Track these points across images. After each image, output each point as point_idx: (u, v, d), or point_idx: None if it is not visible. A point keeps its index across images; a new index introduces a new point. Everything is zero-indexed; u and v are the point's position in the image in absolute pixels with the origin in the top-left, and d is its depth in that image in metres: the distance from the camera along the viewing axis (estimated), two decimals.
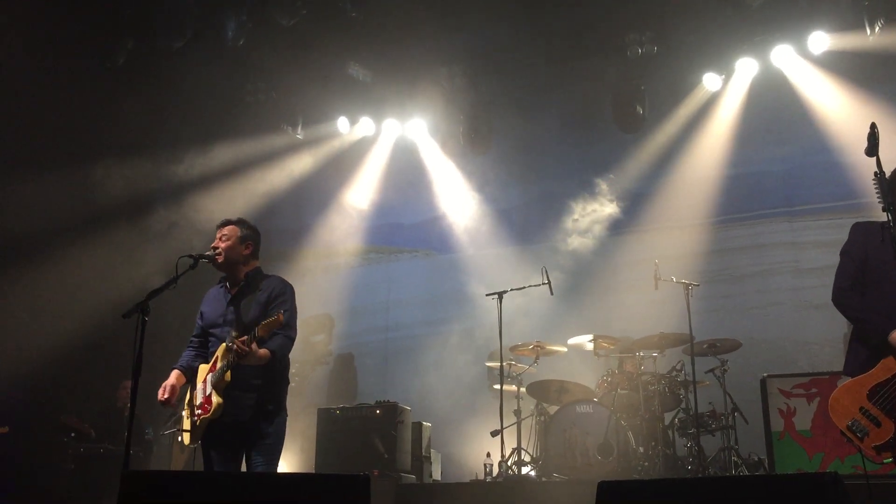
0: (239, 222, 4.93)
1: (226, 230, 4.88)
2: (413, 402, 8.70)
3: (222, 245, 4.82)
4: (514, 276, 8.58)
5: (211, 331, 4.82)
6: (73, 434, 8.44)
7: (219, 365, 4.58)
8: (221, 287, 4.93)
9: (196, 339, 4.94)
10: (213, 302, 4.90)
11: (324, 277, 10.97)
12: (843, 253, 4.31)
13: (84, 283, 9.00)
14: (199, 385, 4.70)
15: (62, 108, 8.72)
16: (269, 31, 9.10)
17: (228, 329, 4.69)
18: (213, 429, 4.57)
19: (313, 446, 8.31)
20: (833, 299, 4.28)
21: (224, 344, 4.62)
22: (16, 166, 8.73)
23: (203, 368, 4.78)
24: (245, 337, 4.43)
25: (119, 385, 8.94)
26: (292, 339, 4.73)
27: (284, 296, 4.80)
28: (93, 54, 9.24)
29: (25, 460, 8.42)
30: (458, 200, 10.53)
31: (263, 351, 4.49)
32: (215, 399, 4.52)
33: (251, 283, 4.85)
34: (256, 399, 4.62)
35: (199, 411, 4.61)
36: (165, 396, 4.65)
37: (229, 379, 4.52)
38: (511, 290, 7.78)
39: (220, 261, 4.80)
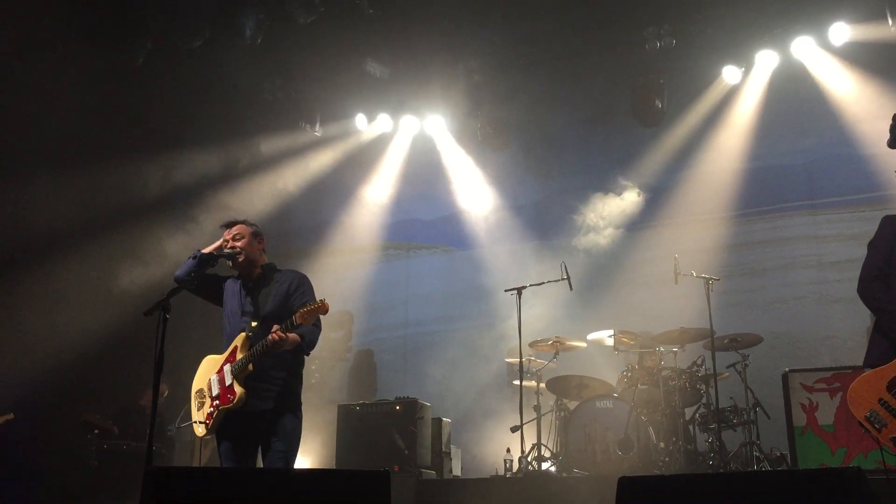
0: (245, 222, 5.03)
1: (236, 230, 4.95)
2: (432, 398, 8.72)
3: (239, 244, 4.90)
4: (533, 271, 8.56)
5: (229, 320, 4.89)
6: (96, 431, 8.51)
7: (239, 355, 4.63)
8: (236, 281, 4.99)
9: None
10: (231, 293, 4.96)
11: (343, 274, 10.99)
12: (870, 245, 4.33)
13: (106, 280, 9.08)
14: (214, 376, 4.74)
15: (82, 108, 8.78)
16: (287, 29, 9.12)
17: (247, 319, 4.74)
18: (231, 420, 4.62)
19: (334, 442, 8.34)
20: (858, 290, 4.31)
21: (243, 334, 4.68)
22: (35, 165, 8.81)
23: (214, 359, 4.83)
24: (279, 326, 4.50)
25: (145, 388, 8.98)
26: (319, 328, 4.79)
27: (304, 287, 4.90)
28: (112, 54, 9.29)
29: (49, 457, 8.51)
30: (476, 196, 10.52)
31: (293, 335, 4.57)
32: (238, 389, 4.56)
33: (267, 274, 4.92)
34: (277, 390, 4.68)
35: (218, 402, 4.65)
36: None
37: (251, 369, 4.57)
38: (530, 285, 7.75)
39: (241, 259, 4.87)
